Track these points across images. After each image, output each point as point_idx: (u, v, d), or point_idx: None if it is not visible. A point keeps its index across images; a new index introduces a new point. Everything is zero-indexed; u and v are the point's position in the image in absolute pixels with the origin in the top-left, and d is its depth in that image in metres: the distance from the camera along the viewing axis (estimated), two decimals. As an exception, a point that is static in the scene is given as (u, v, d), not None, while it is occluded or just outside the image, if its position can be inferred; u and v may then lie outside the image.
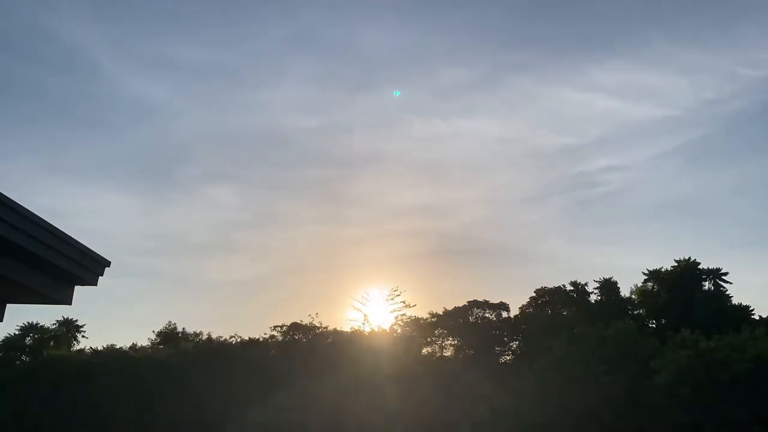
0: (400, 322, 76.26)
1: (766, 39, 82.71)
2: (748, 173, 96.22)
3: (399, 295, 76.43)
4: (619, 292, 76.08)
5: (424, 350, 73.89)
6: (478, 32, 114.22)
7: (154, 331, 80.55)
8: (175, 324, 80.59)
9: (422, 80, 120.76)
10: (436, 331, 76.00)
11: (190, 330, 79.24)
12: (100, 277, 6.25)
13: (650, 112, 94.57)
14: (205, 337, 75.68)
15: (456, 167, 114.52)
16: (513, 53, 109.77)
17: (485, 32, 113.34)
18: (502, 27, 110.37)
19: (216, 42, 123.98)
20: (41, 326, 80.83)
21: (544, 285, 78.47)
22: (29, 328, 79.95)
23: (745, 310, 68.64)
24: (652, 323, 73.39)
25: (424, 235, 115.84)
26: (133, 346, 73.73)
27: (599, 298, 76.30)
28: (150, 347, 75.33)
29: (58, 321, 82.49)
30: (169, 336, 78.38)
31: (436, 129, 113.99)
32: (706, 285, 72.59)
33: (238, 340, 71.46)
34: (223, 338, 72.42)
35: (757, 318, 66.33)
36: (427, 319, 76.31)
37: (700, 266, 72.39)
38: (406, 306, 76.16)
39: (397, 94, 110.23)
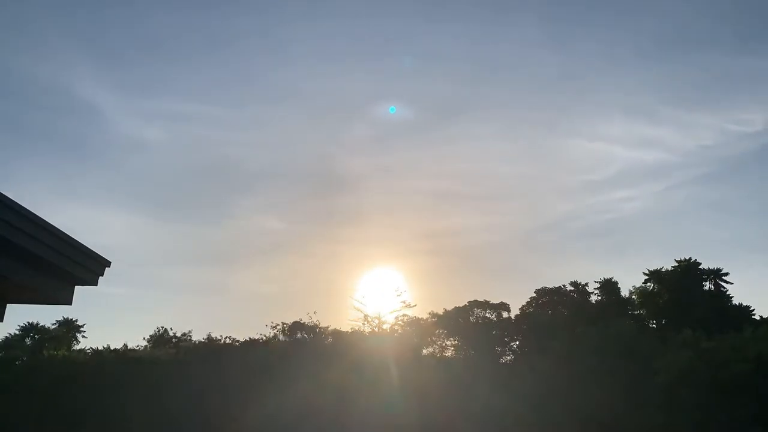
0: (400, 322, 76.24)
1: (750, 102, 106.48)
2: (745, 194, 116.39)
3: (400, 295, 76.49)
4: (619, 292, 76.09)
5: (425, 350, 73.86)
6: (492, 96, 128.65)
7: (144, 338, 79.98)
8: (165, 329, 79.88)
9: (447, 130, 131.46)
10: (436, 332, 75.98)
11: (179, 333, 78.97)
12: (100, 278, 6.22)
13: (656, 157, 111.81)
14: (204, 338, 75.68)
15: (477, 199, 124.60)
16: (526, 112, 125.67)
17: (499, 95, 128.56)
18: (513, 90, 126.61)
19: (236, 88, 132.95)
20: (41, 326, 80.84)
21: (544, 285, 78.60)
22: (29, 328, 79.95)
23: (745, 311, 68.66)
24: (653, 323, 73.38)
25: (437, 252, 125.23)
26: (127, 347, 73.60)
27: (599, 298, 76.32)
28: (149, 348, 75.29)
29: (58, 321, 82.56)
30: (159, 340, 78.04)
31: (459, 167, 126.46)
32: (707, 285, 72.61)
33: (239, 339, 71.46)
34: (223, 338, 72.44)
35: (757, 318, 66.37)
36: (427, 319, 76.30)
37: (700, 266, 72.41)
38: (406, 306, 76.14)
39: (392, 110, 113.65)
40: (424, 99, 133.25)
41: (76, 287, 6.19)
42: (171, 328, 79.75)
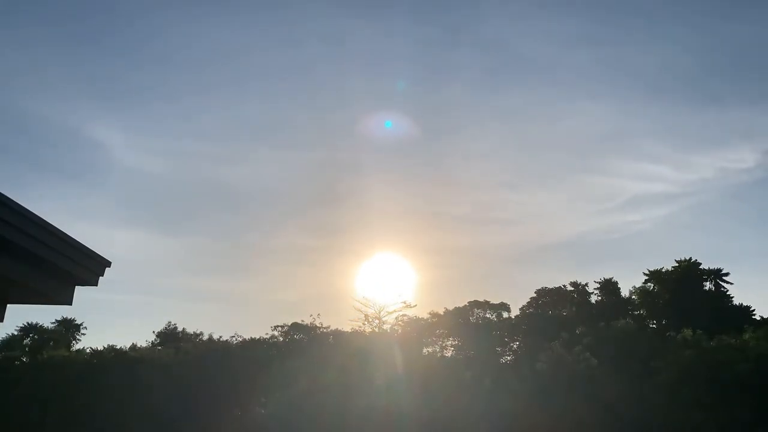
0: (400, 322, 76.24)
1: (742, 146, 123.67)
2: (745, 208, 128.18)
3: (400, 295, 76.51)
4: (619, 292, 76.03)
5: (425, 351, 73.84)
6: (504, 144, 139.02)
7: (154, 332, 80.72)
8: (175, 324, 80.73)
9: (456, 149, 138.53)
10: (436, 332, 76.00)
11: (190, 330, 79.42)
12: (100, 278, 6.19)
13: (661, 189, 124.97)
14: (205, 337, 75.72)
15: (498, 223, 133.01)
16: (533, 148, 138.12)
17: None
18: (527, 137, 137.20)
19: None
20: (41, 326, 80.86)
21: (544, 285, 78.56)
22: (29, 329, 79.95)
23: (746, 311, 68.64)
24: (653, 323, 73.32)
25: (445, 265, 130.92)
26: (133, 347, 73.64)
27: (600, 298, 76.28)
28: (150, 347, 75.31)
29: (57, 321, 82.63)
30: (168, 336, 78.42)
31: (479, 196, 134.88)
32: (707, 285, 72.55)
33: (239, 339, 71.44)
34: (224, 338, 72.44)
35: (758, 318, 66.36)
36: (427, 319, 76.31)
37: (701, 266, 72.34)
38: (406, 306, 76.14)
39: (389, 125, 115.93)
40: (424, 117, 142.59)
41: (76, 287, 6.16)
42: (183, 328, 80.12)
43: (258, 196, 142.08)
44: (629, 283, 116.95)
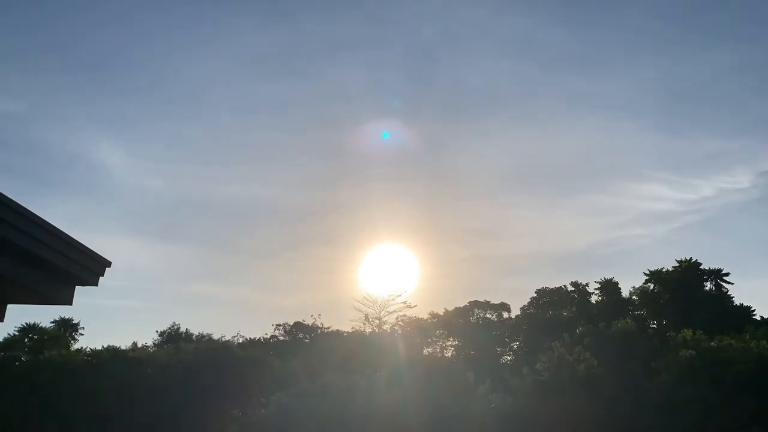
0: (400, 322, 76.27)
1: (737, 170, 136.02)
2: (742, 226, 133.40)
3: (400, 295, 76.52)
4: (619, 292, 76.04)
5: (425, 351, 73.86)
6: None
7: (157, 331, 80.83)
8: (178, 325, 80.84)
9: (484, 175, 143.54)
10: (437, 332, 76.02)
11: (194, 331, 79.54)
12: (100, 278, 6.18)
13: (665, 207, 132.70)
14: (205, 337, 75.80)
15: (508, 235, 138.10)
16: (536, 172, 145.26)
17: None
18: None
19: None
20: (40, 327, 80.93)
21: (545, 285, 78.58)
22: (28, 329, 80.00)
23: (746, 311, 68.62)
24: (653, 324, 73.33)
25: (451, 274, 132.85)
26: (134, 346, 73.69)
27: (600, 298, 76.28)
28: (151, 347, 75.40)
29: (55, 321, 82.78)
30: (170, 336, 78.50)
31: (488, 211, 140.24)
32: (708, 286, 72.55)
33: (240, 340, 71.55)
34: (226, 338, 72.51)
35: (758, 319, 66.34)
36: (427, 319, 76.31)
37: (701, 267, 72.33)
38: (406, 306, 76.17)
39: (386, 136, 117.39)
40: (423, 128, 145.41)
41: (76, 287, 6.16)
42: (186, 329, 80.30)
43: (260, 207, 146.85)
44: (630, 285, 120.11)
